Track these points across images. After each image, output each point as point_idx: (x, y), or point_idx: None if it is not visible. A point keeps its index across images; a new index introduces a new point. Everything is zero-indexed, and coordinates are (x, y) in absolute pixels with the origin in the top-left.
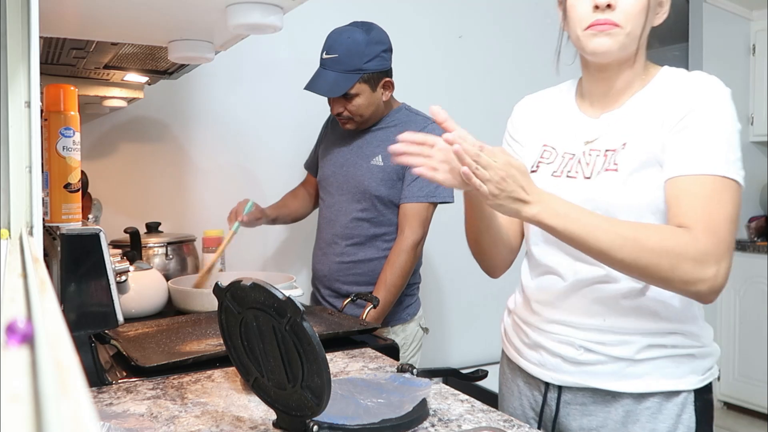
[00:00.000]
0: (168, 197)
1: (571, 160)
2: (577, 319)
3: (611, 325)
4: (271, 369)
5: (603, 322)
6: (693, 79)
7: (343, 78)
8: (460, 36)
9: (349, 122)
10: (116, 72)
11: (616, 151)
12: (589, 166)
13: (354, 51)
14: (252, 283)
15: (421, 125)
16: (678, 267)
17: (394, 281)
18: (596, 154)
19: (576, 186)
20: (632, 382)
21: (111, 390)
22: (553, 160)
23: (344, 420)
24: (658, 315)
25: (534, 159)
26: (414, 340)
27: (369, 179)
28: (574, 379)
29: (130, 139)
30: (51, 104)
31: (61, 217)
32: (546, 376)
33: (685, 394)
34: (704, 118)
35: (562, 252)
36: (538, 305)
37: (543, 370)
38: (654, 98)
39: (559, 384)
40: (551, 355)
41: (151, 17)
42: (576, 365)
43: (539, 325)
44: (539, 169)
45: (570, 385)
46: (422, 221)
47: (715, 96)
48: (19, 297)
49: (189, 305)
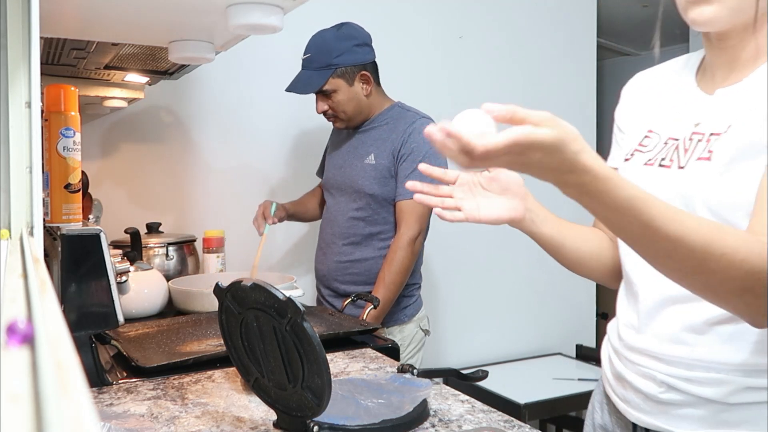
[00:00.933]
0: (168, 197)
1: (671, 146)
2: (660, 348)
3: (701, 357)
4: (271, 369)
5: (691, 352)
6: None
7: (316, 75)
8: (461, 36)
9: (336, 120)
10: (117, 72)
11: (719, 136)
12: (687, 152)
13: (323, 48)
14: (252, 283)
15: (410, 121)
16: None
17: (392, 279)
18: (698, 138)
19: (666, 176)
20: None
21: (111, 390)
22: (653, 147)
23: (345, 420)
24: (761, 346)
25: (631, 146)
26: (412, 342)
27: (362, 178)
28: (656, 421)
29: (131, 140)
30: (51, 105)
31: (61, 218)
32: (630, 415)
33: None
34: None
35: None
36: (624, 328)
37: (627, 406)
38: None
39: (645, 426)
40: (633, 390)
41: (151, 18)
42: (658, 405)
43: (623, 352)
44: (633, 157)
45: (653, 428)
46: (418, 217)
47: None
48: (19, 297)
49: (189, 305)
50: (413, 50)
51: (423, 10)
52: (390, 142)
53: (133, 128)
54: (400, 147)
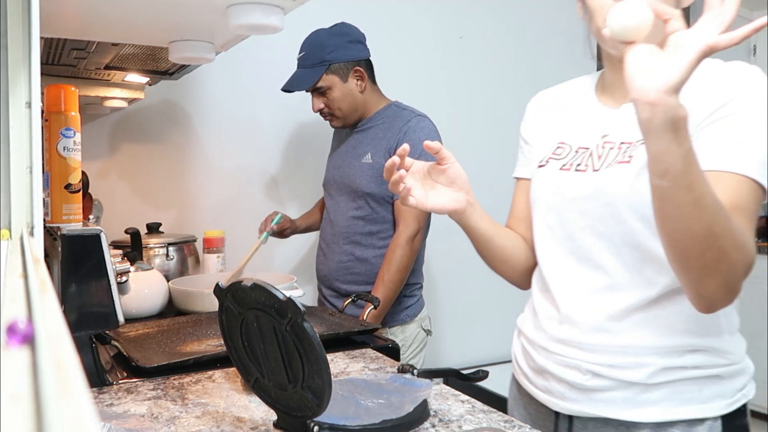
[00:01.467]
0: (169, 198)
1: (584, 154)
2: (583, 337)
3: (622, 344)
4: (271, 369)
5: (613, 340)
6: (734, 68)
7: (310, 72)
8: (461, 36)
9: (332, 119)
10: (117, 72)
11: (632, 144)
12: (600, 159)
13: (316, 45)
14: (252, 283)
15: (406, 119)
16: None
17: (391, 277)
18: (610, 147)
19: (583, 178)
20: (648, 410)
21: (111, 390)
22: (566, 155)
23: (345, 420)
24: (677, 329)
25: (545, 155)
26: (414, 342)
27: (360, 177)
28: (582, 408)
29: (131, 140)
30: (52, 105)
31: (61, 218)
32: (554, 405)
33: (710, 422)
34: (746, 110)
35: (568, 258)
36: (543, 320)
37: (551, 397)
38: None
39: (568, 413)
40: (557, 381)
41: (151, 18)
42: (583, 392)
43: (545, 344)
44: (548, 163)
45: (578, 414)
46: (416, 215)
47: (760, 88)
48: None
49: (190, 306)
50: (413, 50)
51: (423, 10)
52: (386, 141)
53: (134, 128)
54: (395, 145)
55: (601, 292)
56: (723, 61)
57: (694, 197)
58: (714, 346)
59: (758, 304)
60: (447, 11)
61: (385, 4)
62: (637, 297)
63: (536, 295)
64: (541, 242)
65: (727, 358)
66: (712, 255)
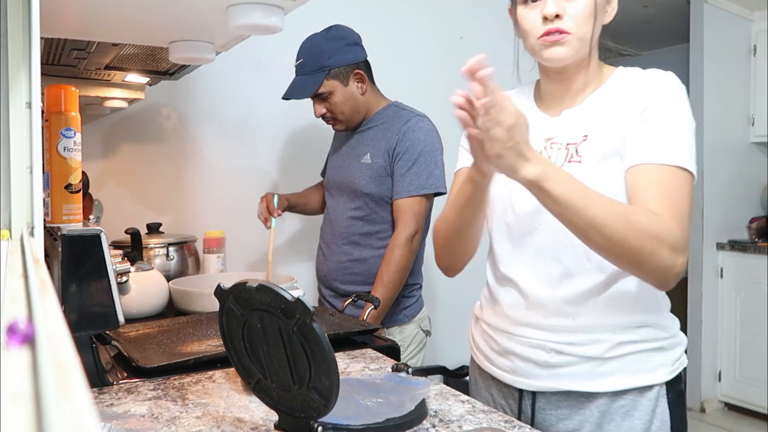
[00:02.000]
0: (169, 198)
1: None
2: (546, 321)
3: (581, 324)
4: (275, 371)
5: (572, 321)
6: (651, 74)
7: (311, 79)
8: (461, 37)
9: (335, 123)
10: (117, 73)
11: (577, 144)
12: (551, 159)
13: (314, 51)
14: (258, 284)
15: (405, 119)
16: (658, 252)
17: (390, 278)
18: (558, 147)
19: None
20: (605, 381)
21: (112, 391)
22: None
23: (347, 420)
24: (626, 308)
25: None
26: (413, 343)
27: (359, 178)
28: (546, 383)
29: (131, 140)
30: (52, 105)
31: (62, 218)
32: (519, 383)
33: (657, 387)
34: (666, 110)
35: (527, 251)
36: (506, 308)
37: (515, 376)
38: (613, 94)
39: (532, 390)
40: (522, 360)
41: (151, 18)
42: (548, 369)
43: (508, 329)
44: None
45: (543, 390)
46: (414, 215)
47: (675, 90)
48: (19, 298)
49: (190, 306)
50: (414, 51)
51: (423, 10)
52: (385, 141)
53: (134, 129)
54: (395, 145)
55: (560, 280)
56: (641, 69)
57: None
58: (657, 321)
59: (758, 304)
60: (447, 11)
61: (386, 4)
62: (590, 282)
63: (494, 286)
64: (501, 237)
65: (667, 332)
66: (630, 254)
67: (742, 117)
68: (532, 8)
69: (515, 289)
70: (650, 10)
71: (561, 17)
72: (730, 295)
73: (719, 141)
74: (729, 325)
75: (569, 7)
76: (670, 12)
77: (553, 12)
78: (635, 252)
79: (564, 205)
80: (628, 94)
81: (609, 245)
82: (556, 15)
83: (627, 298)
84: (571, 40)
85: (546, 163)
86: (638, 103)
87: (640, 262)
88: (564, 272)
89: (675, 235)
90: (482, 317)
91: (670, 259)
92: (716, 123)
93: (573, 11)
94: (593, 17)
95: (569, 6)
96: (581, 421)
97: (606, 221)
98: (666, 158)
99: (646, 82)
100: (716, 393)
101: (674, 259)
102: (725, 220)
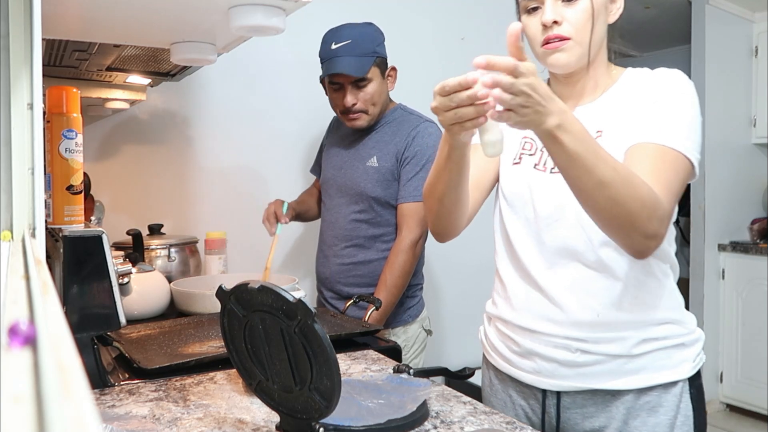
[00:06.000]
0: (170, 199)
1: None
2: (569, 317)
3: (606, 322)
4: (276, 372)
5: (597, 317)
6: (661, 71)
7: (362, 60)
8: (462, 38)
9: (360, 117)
10: (119, 74)
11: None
12: None
13: (366, 35)
14: (260, 285)
15: (414, 124)
16: (651, 220)
17: (394, 282)
18: None
19: (559, 180)
20: (631, 378)
21: (113, 392)
22: (535, 152)
23: (349, 421)
24: (648, 305)
25: (516, 150)
26: (416, 342)
27: (365, 181)
28: (572, 383)
29: (133, 141)
30: (53, 106)
31: (63, 219)
32: (543, 383)
33: (681, 383)
34: (672, 99)
35: (547, 248)
36: (525, 302)
37: (539, 377)
38: (625, 92)
39: (557, 390)
40: (546, 361)
41: (153, 19)
42: (573, 368)
43: (529, 325)
44: (522, 160)
45: (569, 389)
46: (419, 220)
47: (684, 84)
48: (21, 299)
49: (191, 307)
50: (414, 52)
51: (424, 11)
52: (393, 145)
53: (135, 130)
54: (404, 150)
55: (582, 279)
56: (650, 70)
57: (593, 178)
58: (678, 318)
59: (760, 305)
60: (448, 12)
61: (387, 5)
62: (610, 279)
63: (511, 282)
64: (519, 234)
65: (687, 328)
66: (625, 217)
67: (743, 118)
68: (533, 17)
69: (533, 286)
70: (652, 11)
71: (560, 23)
72: (731, 297)
73: (721, 142)
74: (730, 326)
75: (567, 12)
76: (672, 13)
77: (550, 19)
78: (632, 216)
79: (573, 157)
80: (640, 91)
81: (609, 205)
82: (555, 21)
83: (649, 295)
84: (572, 46)
85: (564, 112)
86: (649, 97)
87: (632, 227)
88: (586, 272)
89: (664, 206)
90: (497, 315)
91: (658, 229)
92: (718, 124)
93: (571, 17)
94: (592, 21)
95: (567, 12)
96: (608, 418)
97: (613, 181)
98: (665, 140)
99: (656, 78)
100: (718, 394)
101: (661, 229)
102: (726, 221)
